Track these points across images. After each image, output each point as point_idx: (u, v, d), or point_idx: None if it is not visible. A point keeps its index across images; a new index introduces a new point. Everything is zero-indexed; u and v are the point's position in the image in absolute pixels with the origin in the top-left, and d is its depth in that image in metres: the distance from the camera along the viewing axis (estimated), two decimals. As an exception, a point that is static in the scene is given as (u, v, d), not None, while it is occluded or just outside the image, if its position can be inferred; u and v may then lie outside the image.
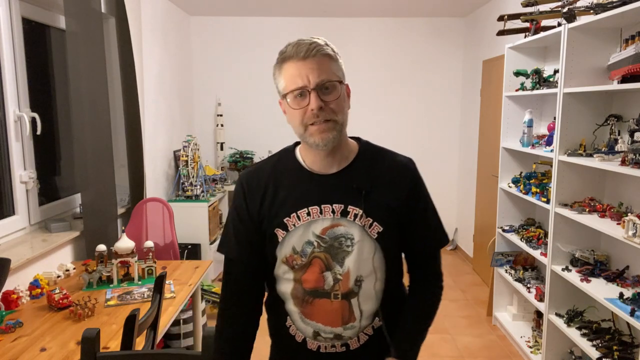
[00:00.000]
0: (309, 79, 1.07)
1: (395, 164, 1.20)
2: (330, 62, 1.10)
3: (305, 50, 1.07)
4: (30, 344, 1.74)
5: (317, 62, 1.07)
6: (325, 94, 1.08)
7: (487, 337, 3.39)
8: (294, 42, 1.10)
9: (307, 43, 1.08)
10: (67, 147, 2.99)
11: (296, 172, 1.17)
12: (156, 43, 4.05)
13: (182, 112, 4.76)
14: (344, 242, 1.12)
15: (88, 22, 2.72)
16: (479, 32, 4.71)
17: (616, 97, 2.53)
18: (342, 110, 1.11)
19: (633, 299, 2.12)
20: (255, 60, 5.14)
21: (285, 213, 1.14)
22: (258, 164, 1.26)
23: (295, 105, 1.09)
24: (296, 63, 1.08)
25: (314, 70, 1.07)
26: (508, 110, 3.38)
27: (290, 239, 1.14)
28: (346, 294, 1.13)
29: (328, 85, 1.08)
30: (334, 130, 1.10)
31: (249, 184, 1.19)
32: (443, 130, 5.29)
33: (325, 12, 4.88)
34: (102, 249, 2.38)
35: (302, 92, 1.08)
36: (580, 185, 2.62)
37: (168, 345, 3.01)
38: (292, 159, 1.20)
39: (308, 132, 1.10)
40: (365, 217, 1.12)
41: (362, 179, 1.15)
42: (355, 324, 1.14)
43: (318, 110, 1.07)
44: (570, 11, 2.52)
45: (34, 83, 2.64)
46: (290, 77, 1.09)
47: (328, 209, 1.13)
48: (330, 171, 1.16)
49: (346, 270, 1.12)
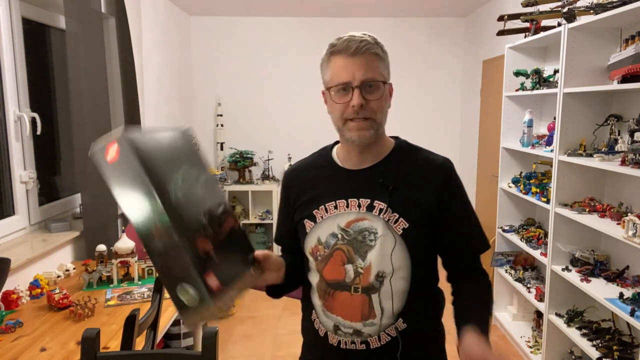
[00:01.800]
0: (354, 75, 1.09)
1: (429, 161, 1.19)
2: (377, 61, 1.12)
3: (355, 47, 1.09)
4: (30, 344, 1.74)
5: (365, 60, 1.09)
6: (368, 92, 1.10)
7: (487, 337, 3.39)
8: (345, 37, 1.11)
9: (357, 40, 1.09)
10: (67, 147, 2.99)
11: (329, 168, 1.22)
12: (156, 43, 4.05)
13: (182, 112, 4.76)
14: (367, 236, 1.13)
15: (88, 22, 2.72)
16: (479, 32, 4.71)
17: (616, 97, 2.53)
18: (382, 109, 1.13)
19: (633, 299, 2.12)
20: (255, 60, 5.14)
21: (315, 205, 1.19)
22: (300, 160, 1.33)
23: (338, 99, 1.12)
24: (344, 58, 1.10)
25: (360, 67, 1.09)
26: (508, 110, 3.38)
27: (316, 230, 1.18)
28: (367, 289, 1.13)
29: (372, 84, 1.10)
30: (372, 128, 1.12)
31: (289, 178, 1.29)
32: (443, 130, 5.29)
33: (326, 12, 4.88)
34: (102, 249, 2.38)
35: (346, 87, 1.10)
36: (580, 185, 2.62)
37: (168, 345, 3.01)
38: (328, 155, 1.25)
39: (346, 127, 1.13)
40: (390, 212, 1.12)
41: (390, 175, 1.16)
42: (375, 321, 1.13)
43: (359, 108, 1.09)
44: (570, 11, 2.52)
45: (34, 83, 2.64)
46: (337, 71, 1.11)
47: (354, 203, 1.15)
48: (361, 167, 1.18)
49: (368, 264, 1.12)
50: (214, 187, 1.04)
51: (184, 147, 1.00)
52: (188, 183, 0.95)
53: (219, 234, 0.98)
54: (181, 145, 1.00)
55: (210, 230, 0.95)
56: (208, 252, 0.92)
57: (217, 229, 0.98)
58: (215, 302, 0.88)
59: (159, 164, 0.88)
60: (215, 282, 0.89)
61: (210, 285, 0.88)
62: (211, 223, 0.96)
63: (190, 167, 0.98)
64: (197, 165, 1.00)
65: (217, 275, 0.90)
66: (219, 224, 0.99)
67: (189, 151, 1.01)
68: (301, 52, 5.13)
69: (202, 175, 1.00)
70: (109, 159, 0.83)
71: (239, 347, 3.30)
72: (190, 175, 0.97)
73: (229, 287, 0.94)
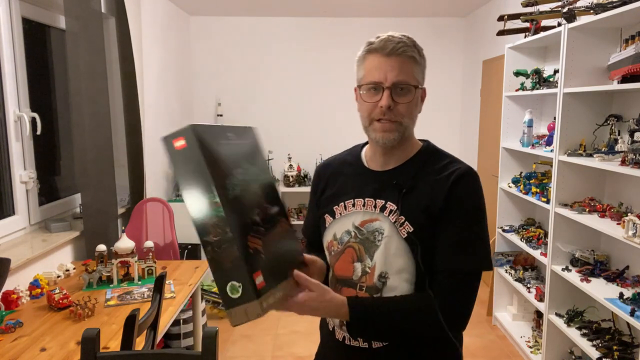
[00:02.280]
0: (386, 76, 1.08)
1: (447, 167, 1.14)
2: (412, 64, 1.10)
3: (391, 48, 1.08)
4: (30, 344, 1.74)
5: (400, 62, 1.08)
6: (398, 94, 1.09)
7: (487, 337, 3.40)
8: (384, 36, 1.10)
9: (395, 40, 1.09)
10: (67, 147, 2.99)
11: (355, 166, 1.23)
12: (156, 43, 4.05)
13: (182, 112, 4.76)
14: (377, 236, 1.13)
15: (88, 22, 2.72)
16: (479, 32, 4.71)
17: (616, 97, 2.53)
18: (411, 114, 1.13)
19: (633, 299, 2.12)
20: (255, 60, 5.14)
21: (337, 201, 1.21)
22: (333, 155, 1.34)
23: (368, 98, 1.11)
24: (379, 57, 1.09)
25: (394, 69, 1.08)
26: (508, 110, 3.38)
27: (334, 226, 1.21)
28: (371, 288, 1.14)
29: (404, 87, 1.09)
30: (397, 132, 1.11)
31: (319, 173, 1.31)
32: (443, 130, 5.29)
33: (325, 12, 4.88)
34: (102, 249, 2.38)
35: (377, 87, 1.10)
36: (580, 185, 2.62)
37: (168, 345, 3.01)
38: (357, 154, 1.26)
39: (372, 127, 1.13)
40: (398, 214, 1.11)
41: (407, 178, 1.15)
42: None
43: (387, 109, 1.09)
44: (570, 11, 2.52)
45: (34, 83, 2.64)
46: (370, 69, 1.11)
47: (371, 203, 1.16)
48: (385, 168, 1.18)
49: (374, 264, 1.13)
50: (271, 188, 1.06)
51: (247, 145, 1.03)
52: (247, 181, 0.97)
53: (272, 234, 1.00)
54: (245, 143, 1.03)
55: (263, 229, 0.97)
56: (259, 251, 0.93)
57: (270, 229, 1.00)
58: (260, 301, 0.89)
59: (221, 160, 0.92)
60: (262, 281, 0.91)
61: (257, 283, 0.90)
62: (265, 223, 0.98)
63: (251, 166, 1.00)
64: (257, 164, 1.03)
65: (264, 275, 0.92)
66: (272, 224, 1.01)
67: (251, 150, 1.04)
68: (301, 52, 5.13)
69: (261, 175, 1.03)
70: (177, 145, 0.89)
71: (239, 347, 3.30)
72: (250, 173, 0.99)
73: (274, 288, 0.95)
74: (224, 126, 1.02)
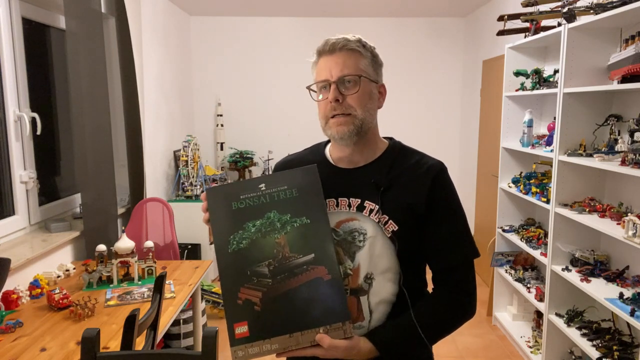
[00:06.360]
0: (331, 72, 1.11)
1: (421, 163, 1.17)
2: (357, 57, 1.12)
3: (332, 44, 1.11)
4: (30, 344, 1.74)
5: (343, 57, 1.11)
6: (346, 87, 1.11)
7: (487, 337, 3.40)
8: (328, 38, 1.14)
9: (335, 38, 1.12)
10: (67, 147, 2.99)
11: (321, 165, 1.17)
12: (156, 43, 4.05)
13: (182, 112, 4.76)
14: (357, 237, 1.12)
15: (88, 22, 2.72)
16: (479, 32, 4.71)
17: (616, 97, 2.53)
18: (363, 105, 1.12)
19: (633, 299, 2.12)
20: (255, 60, 5.14)
21: None
22: (291, 155, 1.31)
23: (320, 97, 1.14)
24: (325, 57, 1.13)
25: (338, 64, 1.11)
26: (508, 110, 3.38)
27: None
28: (356, 290, 1.12)
29: (350, 79, 1.11)
30: (351, 124, 1.11)
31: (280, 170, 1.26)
32: (443, 130, 5.29)
33: (325, 12, 4.88)
34: (102, 249, 2.38)
35: (325, 85, 1.12)
36: (580, 185, 2.62)
37: (168, 345, 3.01)
38: (320, 152, 1.24)
39: (328, 125, 1.14)
40: (381, 213, 1.11)
41: (382, 176, 1.14)
42: (363, 323, 1.12)
43: (335, 103, 1.10)
44: (570, 11, 2.52)
45: (34, 83, 2.64)
46: (319, 70, 1.14)
47: (345, 203, 1.14)
48: (353, 166, 1.18)
49: (357, 266, 1.11)
50: (312, 234, 1.05)
51: (282, 193, 1.06)
52: (263, 232, 1.03)
53: (286, 284, 1.01)
54: (279, 191, 1.06)
55: (269, 281, 1.01)
56: (251, 302, 1.01)
57: (285, 279, 1.02)
58: (235, 349, 0.99)
59: (229, 217, 1.04)
60: (245, 331, 0.99)
61: (237, 333, 1.00)
62: (274, 274, 1.02)
63: (281, 215, 1.04)
64: (291, 211, 1.05)
65: (251, 326, 0.99)
66: (290, 275, 1.02)
67: (285, 198, 1.06)
68: (301, 52, 5.13)
69: (298, 220, 1.05)
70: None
71: (239, 347, 3.29)
72: (274, 222, 1.04)
73: (263, 340, 1.00)
74: (254, 179, 1.08)
